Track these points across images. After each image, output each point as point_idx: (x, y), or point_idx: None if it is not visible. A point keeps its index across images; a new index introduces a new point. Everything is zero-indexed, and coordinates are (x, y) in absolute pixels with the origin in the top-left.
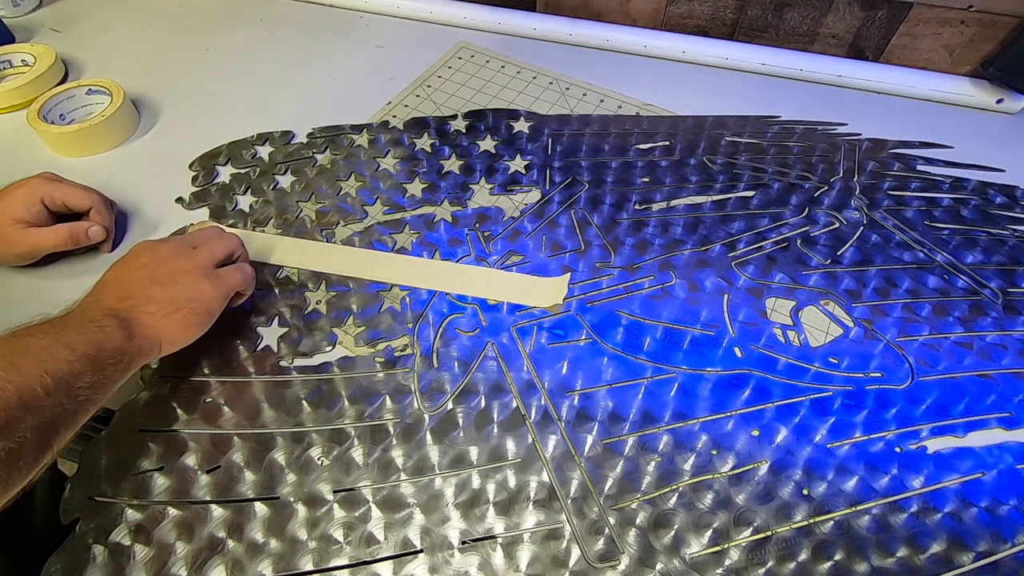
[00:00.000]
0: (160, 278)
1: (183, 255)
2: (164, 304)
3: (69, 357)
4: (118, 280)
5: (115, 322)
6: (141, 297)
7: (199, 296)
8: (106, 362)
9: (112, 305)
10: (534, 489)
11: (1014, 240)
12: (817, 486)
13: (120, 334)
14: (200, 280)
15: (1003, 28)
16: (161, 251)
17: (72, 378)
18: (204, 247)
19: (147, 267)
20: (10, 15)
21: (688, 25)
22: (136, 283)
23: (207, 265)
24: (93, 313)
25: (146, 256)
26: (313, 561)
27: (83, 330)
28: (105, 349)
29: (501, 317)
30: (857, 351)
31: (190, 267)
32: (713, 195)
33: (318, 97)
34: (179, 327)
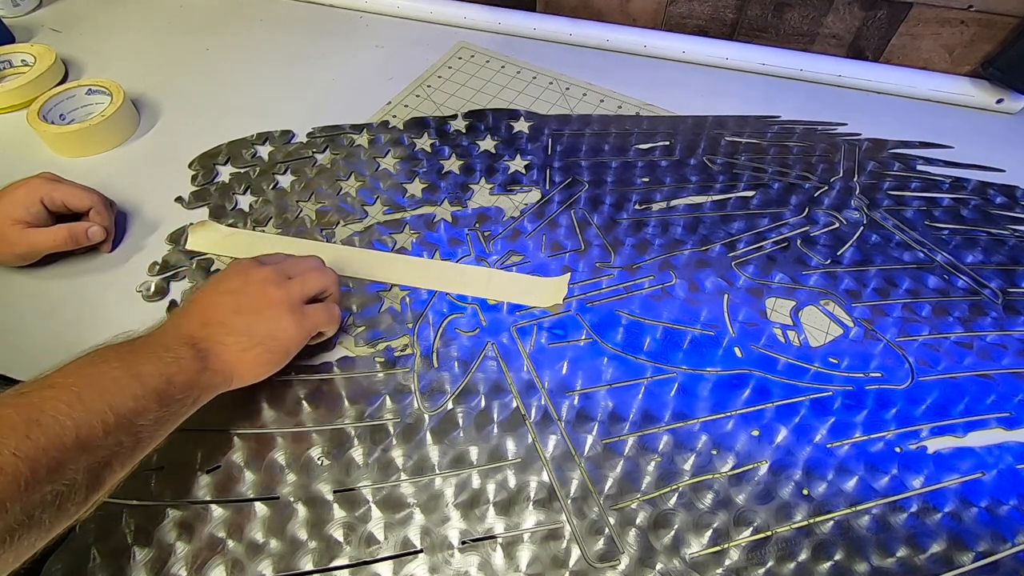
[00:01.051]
0: (245, 307)
1: (274, 284)
2: (242, 337)
3: (137, 392)
4: (205, 301)
5: (190, 352)
6: (221, 326)
7: (280, 333)
8: (173, 397)
9: (192, 332)
10: (534, 489)
11: (1014, 240)
12: (817, 486)
13: (193, 366)
14: (284, 316)
15: (1003, 28)
16: (254, 276)
17: (136, 415)
18: (298, 280)
19: (235, 292)
20: (10, 15)
21: (688, 25)
22: (219, 310)
23: (296, 300)
24: (171, 339)
25: (238, 280)
26: (313, 561)
27: (158, 360)
28: (175, 383)
29: (501, 317)
30: (857, 351)
31: (278, 299)
32: (713, 195)
33: (318, 97)
34: (253, 364)
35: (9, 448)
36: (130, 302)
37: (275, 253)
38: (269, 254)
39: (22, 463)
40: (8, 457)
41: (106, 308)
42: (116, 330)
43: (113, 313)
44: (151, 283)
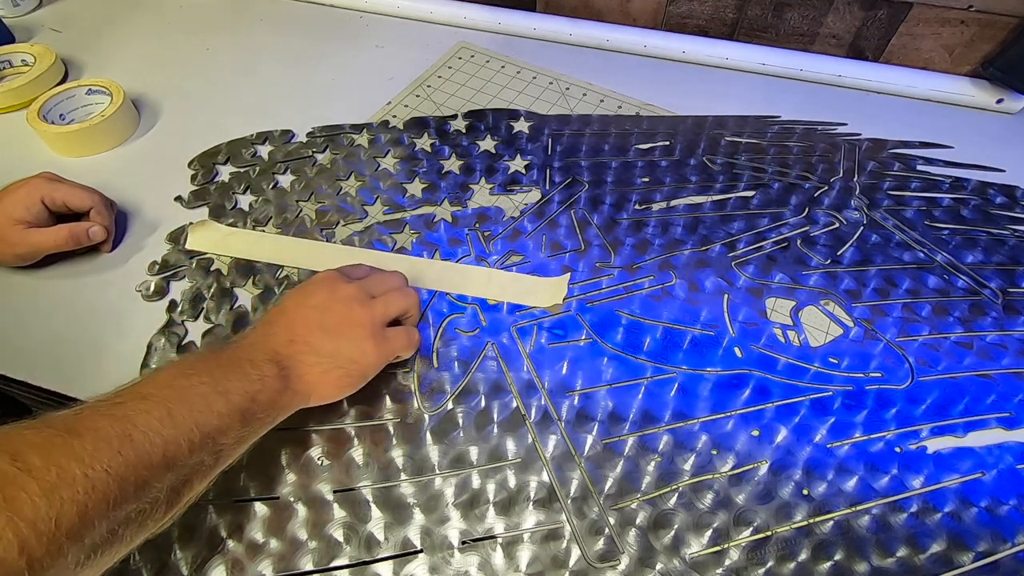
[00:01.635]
0: (330, 326)
1: (359, 304)
2: (325, 358)
3: (222, 410)
4: (291, 316)
5: (275, 371)
6: (306, 344)
7: (361, 358)
8: (255, 416)
9: (277, 348)
10: (534, 489)
11: (1014, 240)
12: (817, 486)
13: (276, 385)
14: (366, 339)
15: (1003, 28)
16: (340, 293)
17: (219, 434)
18: (382, 300)
19: (320, 309)
20: (10, 15)
21: (688, 25)
22: (306, 326)
23: (378, 323)
24: (258, 353)
25: (324, 294)
26: (313, 561)
27: (244, 377)
28: (258, 402)
29: (501, 317)
30: (857, 351)
31: (362, 321)
32: (713, 195)
33: (318, 97)
34: (332, 386)
35: (102, 464)
36: (130, 301)
37: (359, 265)
38: (353, 266)
39: (112, 481)
40: (100, 474)
41: (106, 308)
42: (116, 330)
43: (113, 313)
44: (151, 283)
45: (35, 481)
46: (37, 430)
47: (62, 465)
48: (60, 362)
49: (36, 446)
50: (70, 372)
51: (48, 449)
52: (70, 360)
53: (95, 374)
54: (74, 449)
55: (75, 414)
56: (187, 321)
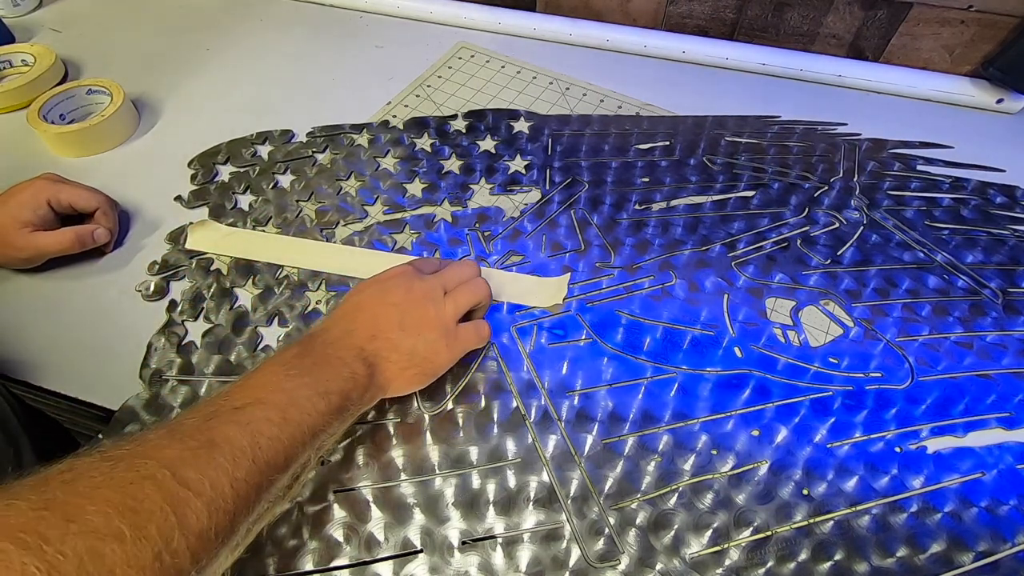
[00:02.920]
0: (408, 324)
1: (433, 302)
2: (404, 356)
3: (324, 409)
4: (371, 312)
5: (364, 368)
6: (388, 341)
7: (434, 357)
8: (348, 411)
9: (363, 344)
10: (534, 489)
11: (1014, 240)
12: (817, 486)
13: (365, 382)
14: (439, 339)
15: (1003, 28)
16: (416, 291)
17: (321, 432)
18: (451, 298)
19: (399, 307)
20: (10, 15)
21: (688, 25)
22: (387, 323)
23: (450, 322)
24: (346, 350)
25: (401, 291)
26: (313, 561)
27: (337, 375)
28: (350, 398)
29: (501, 317)
30: (857, 351)
31: (436, 321)
32: (713, 195)
33: (318, 97)
34: (407, 382)
35: (241, 474)
36: (130, 301)
37: (427, 259)
38: (427, 259)
39: (251, 488)
40: (242, 483)
41: (106, 307)
42: (116, 330)
43: (113, 313)
44: (151, 282)
45: (196, 497)
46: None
47: (213, 479)
48: (60, 362)
49: (187, 461)
50: (70, 372)
51: (197, 463)
52: (70, 360)
53: (95, 374)
54: (219, 462)
55: (204, 423)
56: (187, 321)
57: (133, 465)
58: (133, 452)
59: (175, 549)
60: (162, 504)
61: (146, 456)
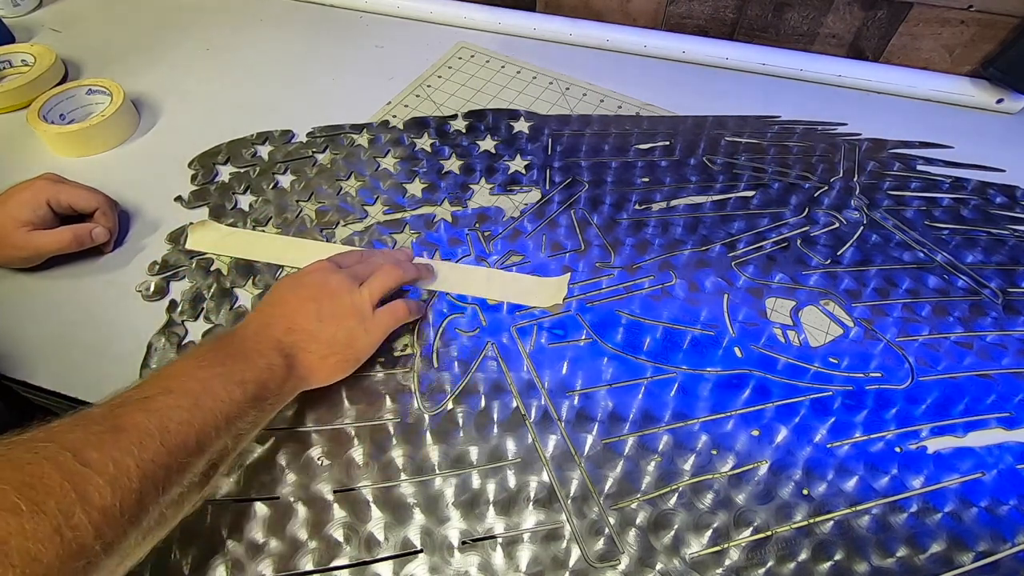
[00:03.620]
0: (326, 315)
1: (349, 292)
2: (323, 345)
3: (240, 398)
4: (288, 307)
5: (281, 359)
6: (306, 333)
7: (354, 343)
8: (267, 400)
9: (280, 337)
10: (534, 489)
11: (1014, 240)
12: (817, 486)
13: (282, 373)
14: (357, 325)
15: (1003, 28)
16: (331, 284)
17: (238, 419)
18: (367, 285)
19: (316, 300)
20: (10, 15)
21: (688, 25)
22: (304, 316)
23: (367, 308)
24: (263, 343)
25: (317, 286)
26: (313, 561)
27: (254, 366)
28: (268, 388)
29: (501, 317)
30: (857, 351)
31: (351, 309)
32: (713, 195)
33: (318, 97)
34: (329, 370)
35: (148, 455)
36: (130, 302)
37: (350, 252)
38: (344, 254)
39: (159, 469)
40: (149, 464)
41: (106, 308)
42: (116, 330)
43: (113, 313)
44: (151, 283)
45: (99, 475)
46: (84, 427)
47: (116, 459)
48: (60, 362)
49: (91, 443)
50: (70, 372)
51: (101, 445)
52: (70, 360)
53: (95, 374)
54: (124, 444)
55: (111, 411)
56: (187, 321)
57: (33, 447)
58: (35, 437)
59: (76, 524)
60: (61, 482)
61: (48, 439)
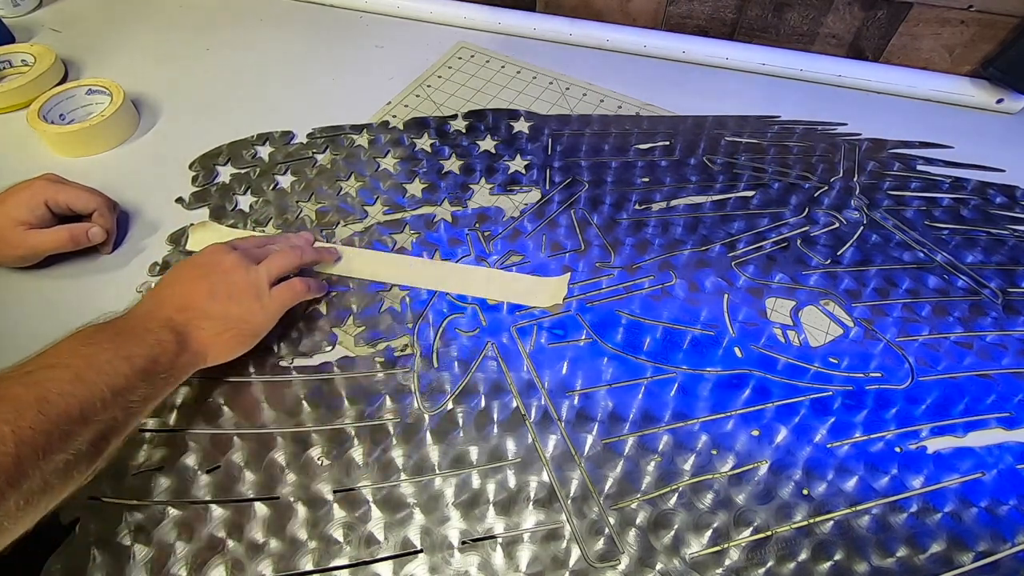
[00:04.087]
0: (219, 292)
1: (243, 270)
2: (217, 322)
3: (127, 371)
4: (180, 286)
5: (172, 335)
6: (198, 311)
7: (250, 318)
8: (158, 375)
9: (171, 315)
10: (534, 489)
11: (1014, 240)
12: (817, 486)
13: (174, 348)
14: (253, 301)
15: (1003, 28)
16: (225, 263)
17: (127, 392)
18: (264, 265)
19: (209, 279)
20: (10, 15)
21: (688, 25)
22: (196, 294)
23: (263, 285)
24: (153, 321)
25: (211, 266)
26: (313, 561)
27: (142, 342)
28: (159, 363)
29: (501, 317)
30: (857, 351)
31: (246, 286)
32: (713, 195)
33: (318, 97)
34: (226, 346)
35: (26, 423)
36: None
37: (247, 237)
38: (242, 238)
39: (39, 435)
40: (27, 431)
41: (106, 308)
42: None
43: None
44: (151, 283)
45: None
46: None
47: None
48: None
49: None
50: None
51: None
52: None
53: None
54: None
55: None
56: None
57: None
58: None
59: None
60: None
61: None
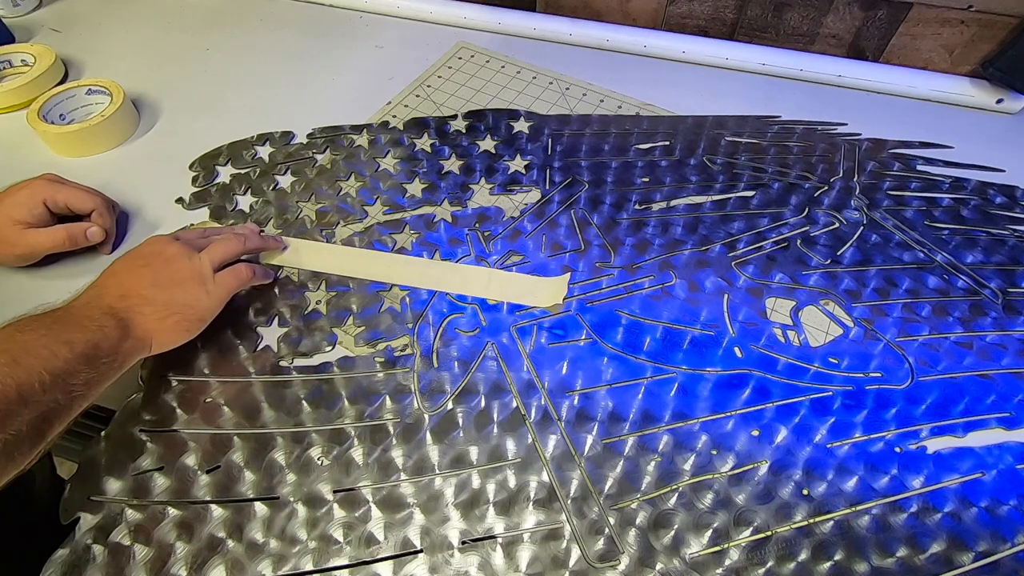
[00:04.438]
0: (162, 280)
1: (186, 258)
2: (160, 307)
3: (67, 355)
4: (122, 276)
5: (113, 321)
6: (140, 298)
7: (195, 303)
8: (100, 360)
9: (112, 303)
10: (534, 489)
11: (1014, 240)
12: (817, 486)
13: (116, 334)
14: (197, 287)
15: (1003, 28)
16: (168, 252)
17: (68, 375)
18: (207, 252)
19: (151, 267)
20: (10, 15)
21: (688, 25)
22: (138, 282)
23: (207, 271)
24: (93, 309)
25: (153, 255)
26: (313, 561)
27: (82, 328)
28: (101, 348)
29: (501, 317)
30: (857, 351)
31: (190, 273)
32: (713, 195)
33: (318, 97)
34: (171, 331)
35: None
36: None
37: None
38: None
39: None
40: None
41: None
42: None
43: None
44: None
45: None
46: None
47: None
48: None
49: None
50: None
51: None
52: None
53: None
54: None
55: None
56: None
57: None
58: None
59: None
60: None
61: None
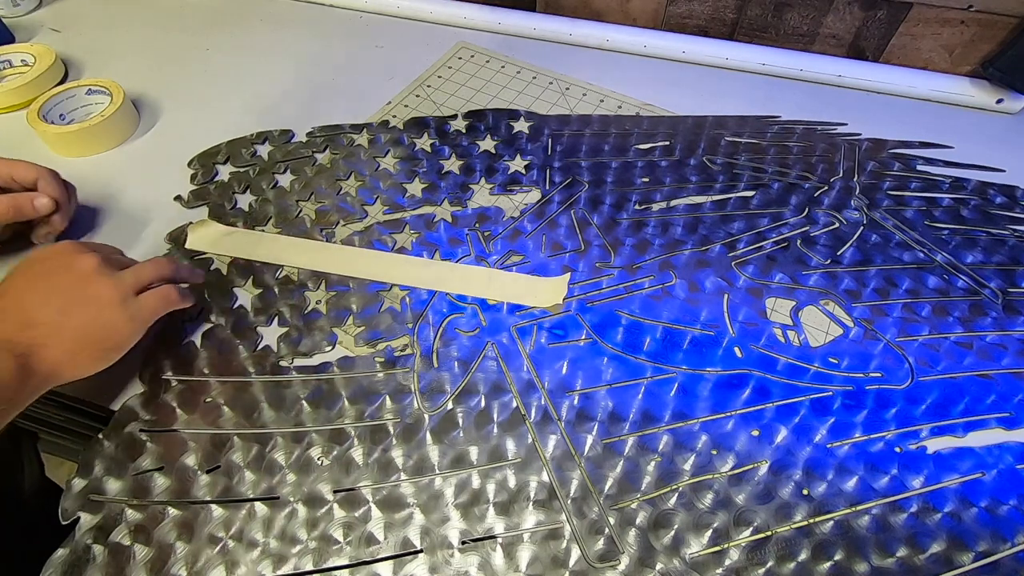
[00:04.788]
0: (73, 303)
1: (104, 277)
2: (70, 339)
3: None
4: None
5: (12, 362)
6: (46, 327)
7: (112, 332)
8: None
9: (10, 336)
10: (534, 489)
11: (1014, 240)
12: (817, 486)
13: (15, 376)
14: (116, 311)
15: (1003, 28)
16: (81, 266)
17: None
18: (132, 271)
19: (59, 290)
20: (10, 15)
21: (688, 25)
22: (43, 307)
23: (128, 291)
24: None
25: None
26: (313, 561)
27: None
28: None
29: (501, 317)
30: (857, 351)
31: (109, 296)
32: (713, 195)
33: (318, 97)
34: (82, 364)
35: None
36: None
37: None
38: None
39: None
40: None
41: None
42: None
43: None
44: None
45: None
46: None
47: None
48: None
49: None
50: None
51: None
52: None
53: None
54: None
55: None
56: (187, 322)
57: None
58: None
59: None
60: None
61: None
